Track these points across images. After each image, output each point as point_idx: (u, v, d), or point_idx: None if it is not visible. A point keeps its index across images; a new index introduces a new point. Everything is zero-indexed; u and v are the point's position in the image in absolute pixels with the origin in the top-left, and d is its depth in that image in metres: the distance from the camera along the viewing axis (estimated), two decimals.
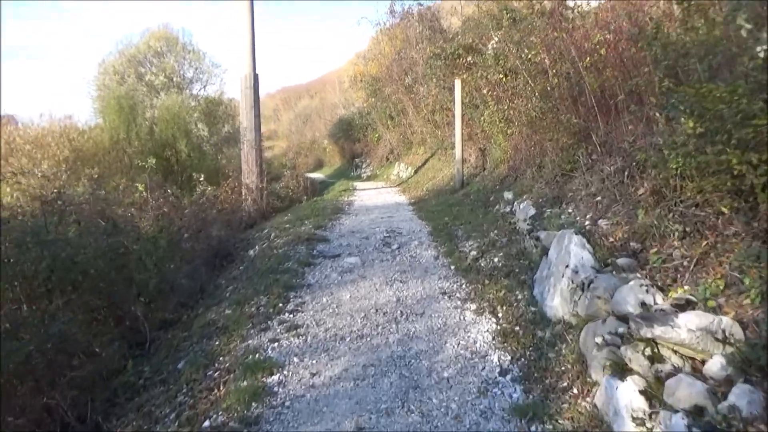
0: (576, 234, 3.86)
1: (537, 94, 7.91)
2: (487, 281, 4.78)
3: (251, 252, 7.54)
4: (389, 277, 5.28)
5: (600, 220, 4.31)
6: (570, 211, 4.96)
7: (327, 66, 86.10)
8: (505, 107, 9.53)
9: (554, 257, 4.03)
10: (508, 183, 8.62)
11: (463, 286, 4.87)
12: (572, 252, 3.71)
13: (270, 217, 11.07)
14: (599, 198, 4.81)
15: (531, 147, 8.04)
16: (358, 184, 18.30)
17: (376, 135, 22.68)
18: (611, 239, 3.91)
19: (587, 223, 4.42)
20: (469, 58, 10.99)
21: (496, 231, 6.29)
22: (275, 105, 57.71)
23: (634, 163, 4.51)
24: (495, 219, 6.97)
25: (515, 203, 6.88)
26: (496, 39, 10.28)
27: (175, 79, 23.66)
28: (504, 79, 9.76)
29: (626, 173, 4.54)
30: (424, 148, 17.41)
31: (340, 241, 6.93)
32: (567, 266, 3.68)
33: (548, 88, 7.39)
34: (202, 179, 11.79)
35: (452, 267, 5.46)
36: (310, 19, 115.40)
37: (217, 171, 16.02)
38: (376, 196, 13.48)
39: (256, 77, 12.80)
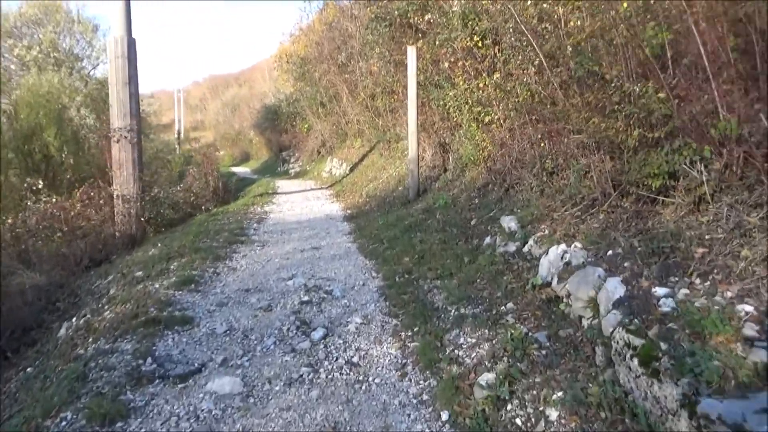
0: None
1: (542, 59, 5.06)
2: None
3: (63, 330, 4.19)
4: None
5: None
6: (740, 305, 2.04)
7: (259, 54, 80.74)
8: (482, 84, 6.65)
9: None
10: (495, 197, 5.70)
11: None
12: None
13: (144, 240, 7.63)
14: None
15: (534, 143, 5.17)
16: (283, 183, 14.98)
17: (306, 125, 19.38)
18: None
19: None
20: (428, 17, 7.96)
21: (511, 303, 3.32)
22: (202, 94, 55.13)
23: None
24: (494, 267, 4.00)
25: (531, 242, 3.96)
26: None
27: (54, 55, 19.09)
28: (479, 45, 6.86)
29: None
30: (362, 141, 14.35)
31: (213, 323, 3.63)
32: None
33: (568, 49, 4.56)
34: (40, 186, 8.08)
35: (443, 415, 2.43)
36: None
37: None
38: (301, 204, 10.27)
39: (132, 42, 9.17)
